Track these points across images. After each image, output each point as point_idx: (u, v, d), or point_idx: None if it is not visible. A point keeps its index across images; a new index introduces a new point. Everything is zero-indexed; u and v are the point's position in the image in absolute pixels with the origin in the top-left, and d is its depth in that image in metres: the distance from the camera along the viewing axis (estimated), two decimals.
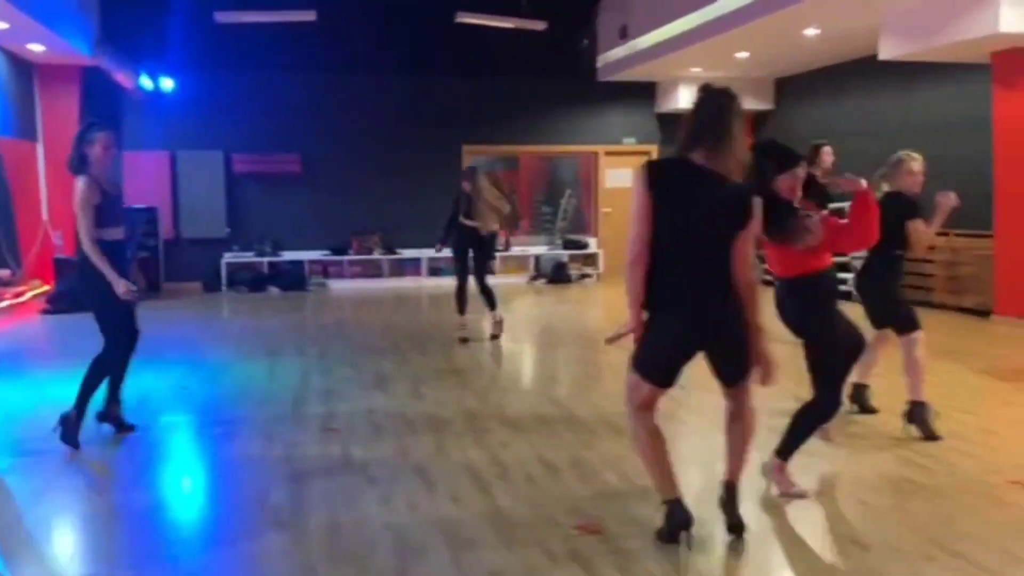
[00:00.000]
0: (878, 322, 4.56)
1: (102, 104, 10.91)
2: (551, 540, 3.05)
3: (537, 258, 12.48)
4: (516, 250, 12.51)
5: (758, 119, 12.67)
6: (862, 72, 9.88)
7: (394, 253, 11.90)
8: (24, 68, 10.13)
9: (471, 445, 4.22)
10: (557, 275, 12.16)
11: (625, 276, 2.92)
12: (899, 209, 4.28)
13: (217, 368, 6.35)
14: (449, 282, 8.08)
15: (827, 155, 6.32)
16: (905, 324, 4.40)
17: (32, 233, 10.20)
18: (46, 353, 7.44)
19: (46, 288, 9.95)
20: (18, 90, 10.02)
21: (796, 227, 3.29)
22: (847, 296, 5.42)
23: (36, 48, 9.39)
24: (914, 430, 4.30)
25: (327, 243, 11.83)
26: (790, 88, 12.02)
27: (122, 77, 10.51)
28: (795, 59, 10.54)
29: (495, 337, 7.26)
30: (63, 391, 4.48)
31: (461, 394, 5.35)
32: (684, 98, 12.06)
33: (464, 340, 7.24)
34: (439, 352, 6.86)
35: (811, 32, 8.76)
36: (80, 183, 4.32)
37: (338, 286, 11.62)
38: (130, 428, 4.48)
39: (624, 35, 11.36)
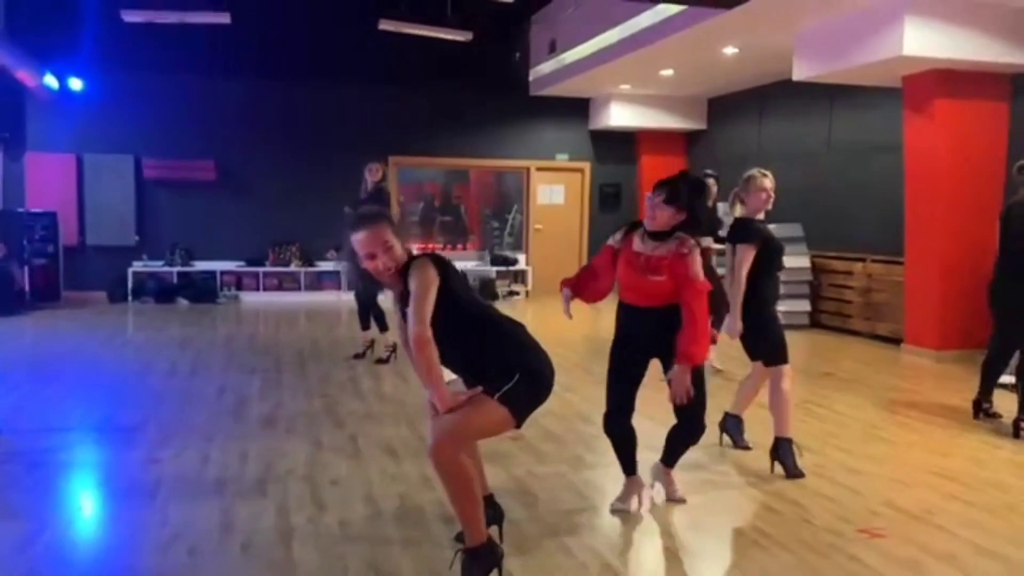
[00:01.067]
0: (751, 353, 4.31)
1: (2, 102, 10.43)
2: None
3: (464, 274, 12.14)
4: None
5: (690, 138, 12.55)
6: (788, 93, 9.75)
7: (312, 265, 11.49)
8: None
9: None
10: (484, 292, 11.84)
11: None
12: (734, 234, 4.10)
13: (69, 382, 5.91)
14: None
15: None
16: (773, 355, 4.16)
17: None
18: None
19: None
20: None
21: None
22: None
23: None
24: (779, 468, 4.06)
25: (242, 254, 11.39)
26: (721, 108, 11.89)
27: (24, 75, 10.01)
28: (722, 79, 10.40)
29: (381, 361, 6.85)
30: None
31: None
32: (616, 115, 11.90)
33: (358, 356, 6.93)
34: (319, 370, 6.49)
35: (730, 51, 8.60)
36: None
37: (251, 299, 11.17)
38: None
39: (553, 49, 11.16)
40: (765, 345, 4.18)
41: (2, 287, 9.33)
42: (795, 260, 8.71)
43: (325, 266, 11.38)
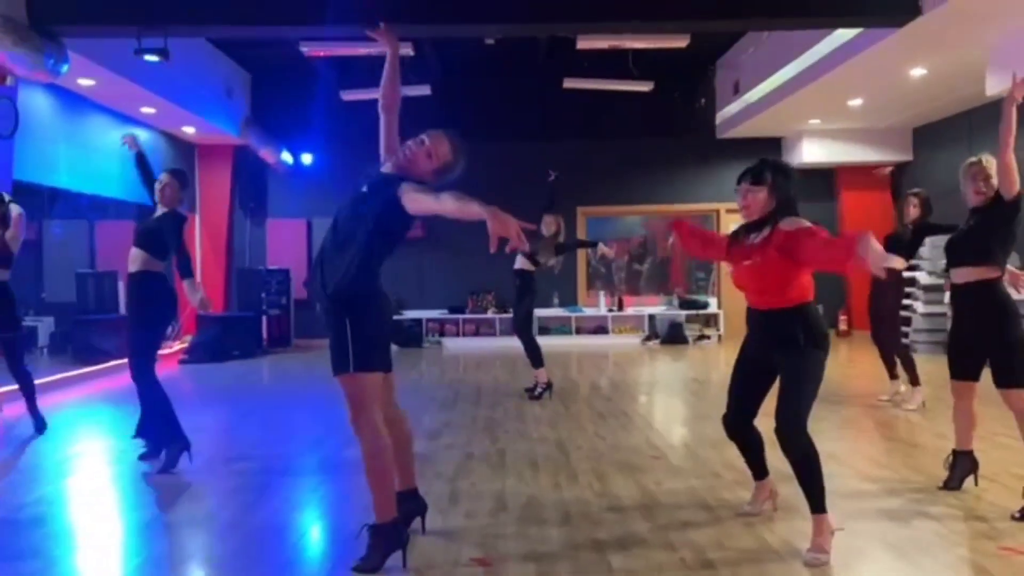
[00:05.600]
0: (1005, 374, 3.71)
1: (250, 178, 12.26)
2: None
3: (652, 317, 12.21)
4: (630, 310, 12.37)
5: (896, 172, 11.82)
6: (997, 116, 8.95)
7: (507, 312, 12.11)
8: (186, 148, 11.62)
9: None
10: (672, 336, 11.82)
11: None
12: None
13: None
14: (555, 340, 8.11)
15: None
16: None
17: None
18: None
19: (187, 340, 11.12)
20: (180, 166, 11.48)
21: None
22: None
23: (188, 130, 10.78)
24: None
25: (444, 302, 12.30)
26: (927, 136, 11.13)
27: (266, 154, 11.74)
28: (921, 106, 9.80)
29: (530, 394, 7.03)
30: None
31: None
32: (809, 152, 11.55)
33: (532, 392, 7.20)
34: (489, 405, 6.93)
35: (917, 72, 8.16)
36: None
37: (452, 344, 11.99)
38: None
39: (737, 90, 11.14)
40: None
41: (248, 334, 10.86)
42: None
43: None
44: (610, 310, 12.24)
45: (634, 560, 3.11)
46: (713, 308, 12.28)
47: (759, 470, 3.61)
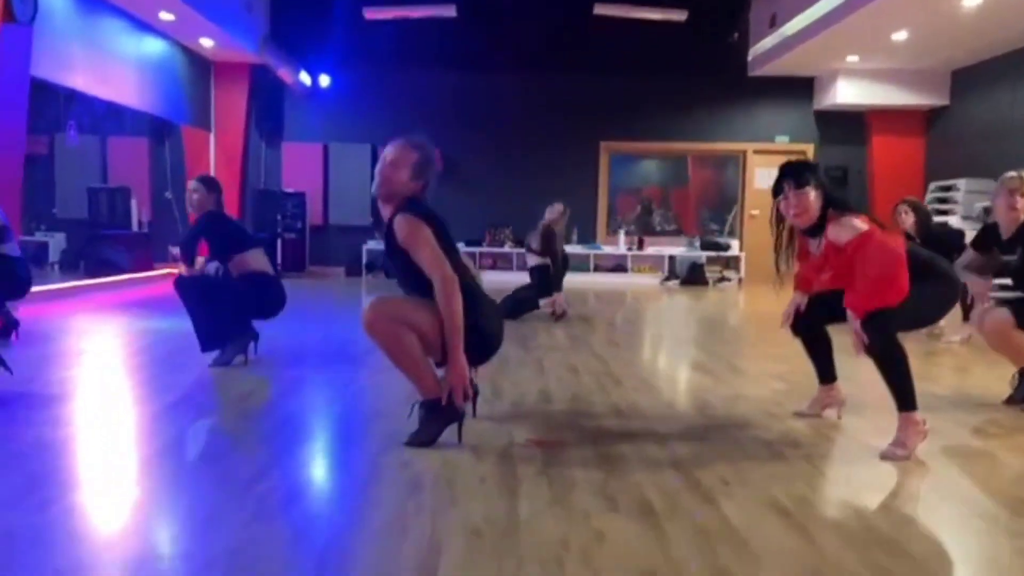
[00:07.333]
0: None
1: (267, 98, 11.94)
2: None
3: (672, 258, 12.00)
4: (651, 250, 12.15)
5: (931, 116, 11.49)
6: None
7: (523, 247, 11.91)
8: (202, 64, 11.29)
9: None
10: (692, 277, 11.62)
11: None
12: None
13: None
14: (572, 277, 8.06)
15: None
16: None
17: None
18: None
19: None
20: (196, 84, 11.18)
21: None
22: None
23: (207, 43, 10.44)
24: None
25: (461, 235, 12.07)
26: (966, 80, 10.77)
27: (284, 73, 11.40)
28: (967, 43, 9.42)
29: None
30: None
31: None
32: (844, 92, 11.20)
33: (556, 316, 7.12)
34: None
35: (971, 2, 7.81)
36: None
37: None
38: None
39: (773, 23, 10.76)
40: None
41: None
42: None
43: None
44: (629, 249, 12.02)
45: (699, 449, 2.96)
46: (735, 251, 12.06)
47: (824, 373, 3.46)
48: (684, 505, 2.33)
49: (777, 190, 3.15)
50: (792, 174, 3.11)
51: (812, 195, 3.05)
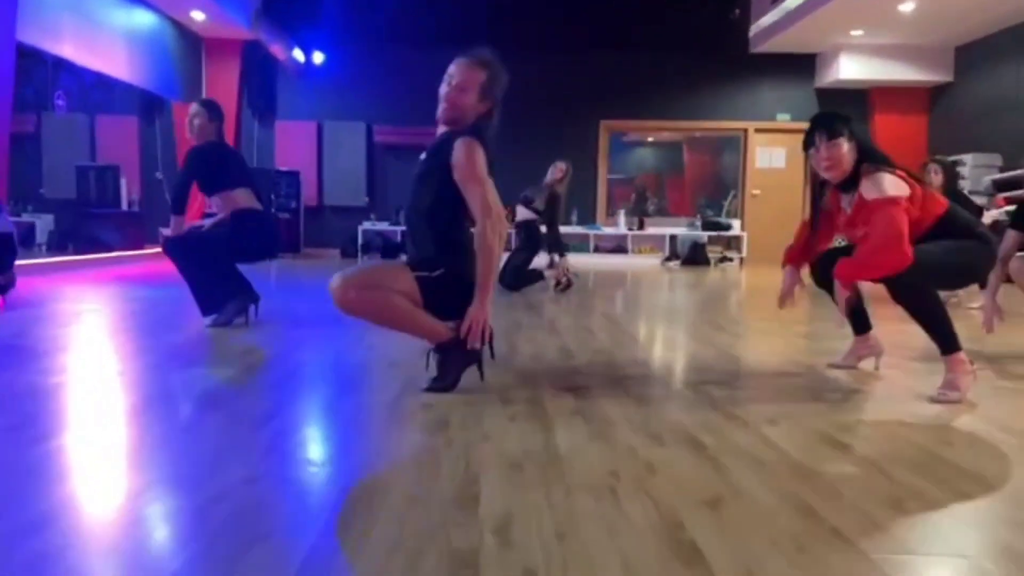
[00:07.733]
0: None
1: (259, 76, 11.70)
2: None
3: (673, 238, 11.84)
4: (651, 230, 11.98)
5: (934, 93, 11.37)
6: None
7: None
8: (194, 41, 11.03)
9: None
10: (693, 257, 11.46)
11: None
12: None
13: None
14: (572, 258, 7.89)
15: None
16: None
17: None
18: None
19: None
20: (186, 59, 10.91)
21: None
22: None
23: (198, 16, 10.18)
24: None
25: None
26: (970, 56, 10.65)
27: (277, 50, 11.16)
28: (973, 16, 9.31)
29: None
30: None
31: None
32: (846, 68, 11.06)
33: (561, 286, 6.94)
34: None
35: None
36: None
37: None
38: None
39: None
40: None
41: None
42: None
43: None
44: (630, 229, 11.85)
45: (738, 393, 2.79)
46: (736, 231, 11.91)
47: (857, 323, 3.29)
48: (734, 439, 2.16)
49: (808, 143, 2.96)
50: (824, 124, 2.90)
51: (845, 147, 2.85)
